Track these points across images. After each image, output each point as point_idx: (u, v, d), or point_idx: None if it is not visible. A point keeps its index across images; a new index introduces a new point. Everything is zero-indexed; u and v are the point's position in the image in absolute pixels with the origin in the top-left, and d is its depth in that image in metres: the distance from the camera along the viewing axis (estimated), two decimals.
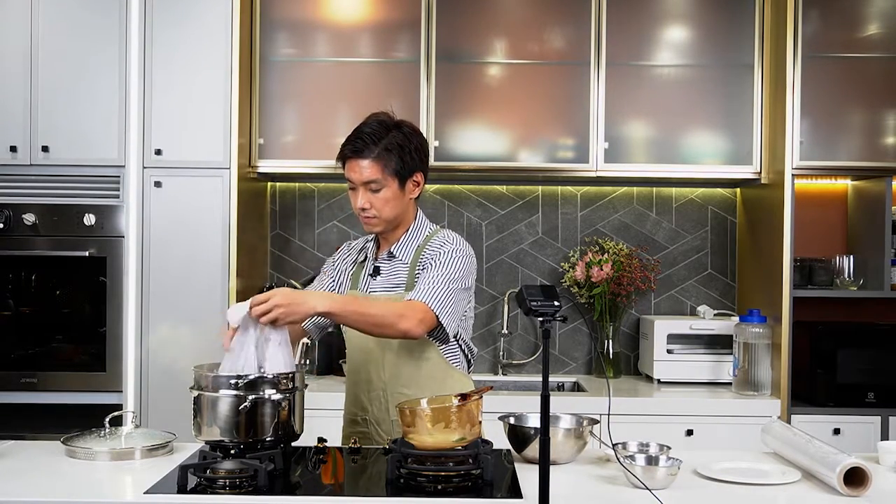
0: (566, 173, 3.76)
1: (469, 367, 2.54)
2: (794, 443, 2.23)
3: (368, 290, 2.47)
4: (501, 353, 4.01)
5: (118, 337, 3.46)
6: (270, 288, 3.86)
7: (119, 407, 3.38)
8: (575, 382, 3.91)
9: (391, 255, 2.47)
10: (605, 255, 3.87)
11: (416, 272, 2.41)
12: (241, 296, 3.50)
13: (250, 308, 2.11)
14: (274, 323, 2.11)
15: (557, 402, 2.58)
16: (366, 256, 2.53)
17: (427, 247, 2.44)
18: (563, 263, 4.00)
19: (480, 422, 2.08)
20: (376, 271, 2.48)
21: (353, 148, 2.36)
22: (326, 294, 2.40)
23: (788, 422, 3.41)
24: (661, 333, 3.71)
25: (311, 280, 3.98)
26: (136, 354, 3.44)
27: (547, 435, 1.77)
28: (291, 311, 2.12)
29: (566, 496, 1.95)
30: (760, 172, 3.70)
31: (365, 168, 2.35)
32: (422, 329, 2.26)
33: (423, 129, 3.64)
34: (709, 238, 4.07)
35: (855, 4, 3.59)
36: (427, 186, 4.05)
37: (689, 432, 3.42)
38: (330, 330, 2.66)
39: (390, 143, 2.35)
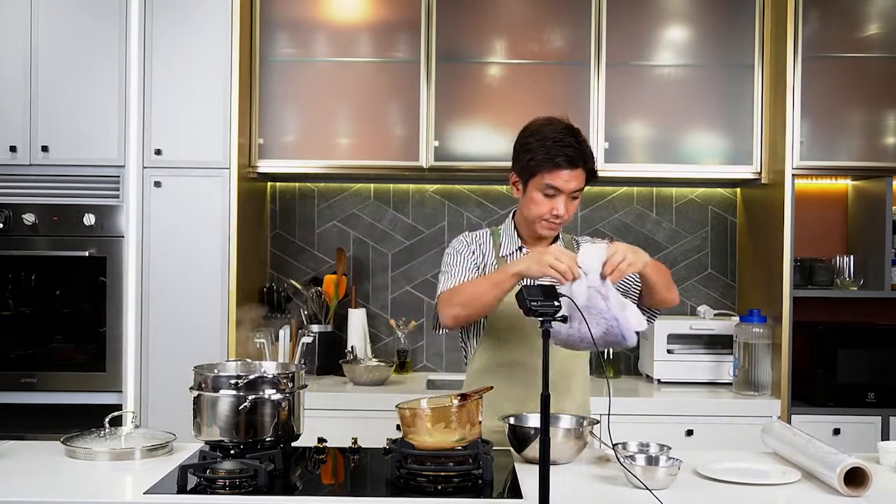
0: None
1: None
2: (794, 443, 2.23)
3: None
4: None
5: (118, 337, 3.45)
6: (270, 288, 3.89)
7: (119, 407, 3.38)
8: None
9: None
10: None
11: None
12: (242, 296, 3.50)
13: (607, 260, 2.12)
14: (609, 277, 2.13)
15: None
16: (503, 253, 2.52)
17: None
18: None
19: (480, 422, 2.08)
20: None
21: (568, 158, 2.36)
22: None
23: (788, 422, 3.41)
24: (661, 333, 3.71)
25: (313, 280, 4.02)
26: (135, 354, 3.44)
27: (547, 435, 1.77)
28: (633, 267, 2.18)
29: (566, 496, 1.95)
30: (760, 172, 3.70)
31: (577, 177, 2.38)
32: None
33: (422, 129, 3.68)
34: (709, 238, 4.07)
35: (855, 4, 3.59)
36: (427, 186, 4.09)
37: (689, 432, 3.42)
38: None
39: (589, 150, 2.42)
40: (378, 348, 4.03)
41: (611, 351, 3.89)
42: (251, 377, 2.08)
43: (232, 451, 2.08)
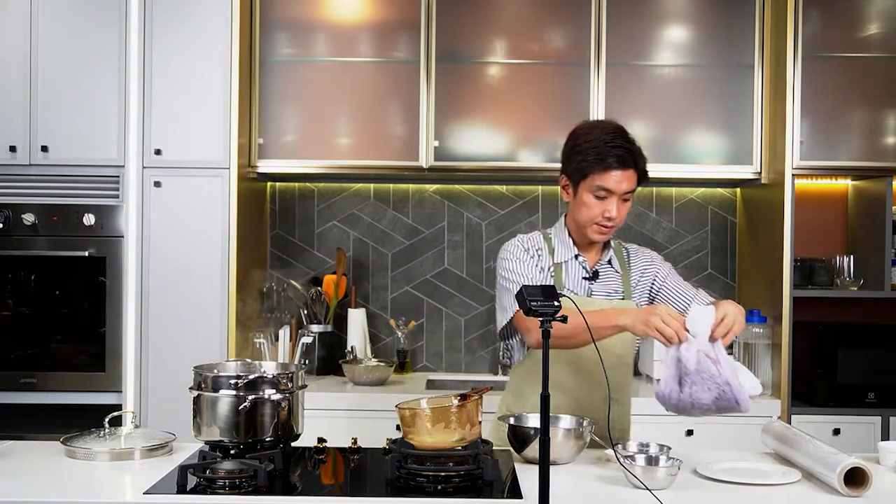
0: None
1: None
2: (794, 443, 2.23)
3: (589, 293, 2.46)
4: (501, 353, 4.01)
5: (118, 337, 3.45)
6: (270, 288, 3.89)
7: (118, 407, 3.38)
8: None
9: (608, 262, 2.50)
10: None
11: (637, 281, 2.50)
12: (241, 296, 3.50)
13: (718, 323, 2.10)
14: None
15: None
16: (559, 259, 2.48)
17: (636, 256, 2.55)
18: None
19: (480, 422, 2.08)
20: (595, 276, 2.48)
21: (619, 158, 2.34)
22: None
23: (788, 422, 3.41)
24: None
25: (313, 280, 4.02)
26: (135, 354, 3.44)
27: (547, 435, 1.77)
28: (741, 327, 2.15)
29: (566, 496, 1.95)
30: (760, 172, 3.70)
31: (628, 178, 2.36)
32: None
33: (422, 129, 3.68)
34: (709, 238, 4.07)
35: (855, 4, 3.59)
36: (427, 186, 4.09)
37: (689, 432, 3.42)
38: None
39: (639, 150, 2.40)
40: (378, 348, 4.03)
41: None
42: (251, 377, 2.08)
43: (232, 452, 2.08)
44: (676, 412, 2.14)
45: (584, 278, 2.48)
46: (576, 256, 2.49)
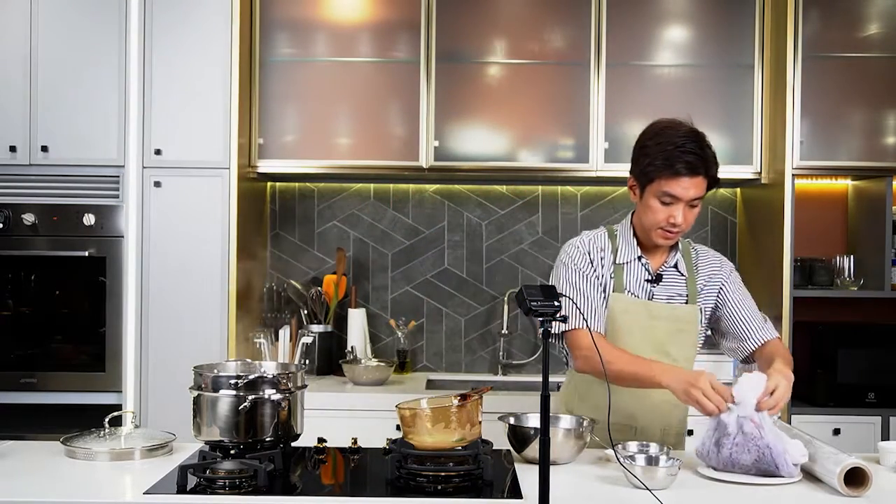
0: (566, 173, 3.76)
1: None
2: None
3: (650, 296, 2.42)
4: (501, 353, 4.01)
5: (118, 337, 3.45)
6: (270, 288, 3.89)
7: (119, 407, 3.38)
8: None
9: (674, 265, 2.44)
10: None
11: (703, 286, 2.44)
12: (241, 296, 3.50)
13: (766, 394, 2.09)
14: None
15: (557, 402, 2.58)
16: (621, 260, 2.43)
17: (704, 258, 2.48)
18: None
19: (480, 422, 2.08)
20: (658, 279, 2.43)
21: (689, 165, 2.26)
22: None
23: (788, 422, 3.41)
24: None
25: (313, 280, 4.02)
26: (135, 354, 3.44)
27: (547, 435, 1.77)
28: (787, 399, 2.14)
29: (566, 496, 1.95)
30: (761, 172, 3.70)
31: (697, 185, 2.28)
32: None
33: (422, 129, 3.68)
34: (709, 238, 4.07)
35: (855, 4, 3.59)
36: (427, 186, 4.09)
37: (690, 432, 3.40)
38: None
39: (712, 156, 2.30)
40: (378, 348, 4.03)
41: None
42: (251, 377, 2.08)
43: (232, 452, 2.08)
44: (715, 469, 2.12)
45: (647, 280, 2.42)
46: (639, 258, 2.42)
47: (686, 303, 2.43)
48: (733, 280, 2.48)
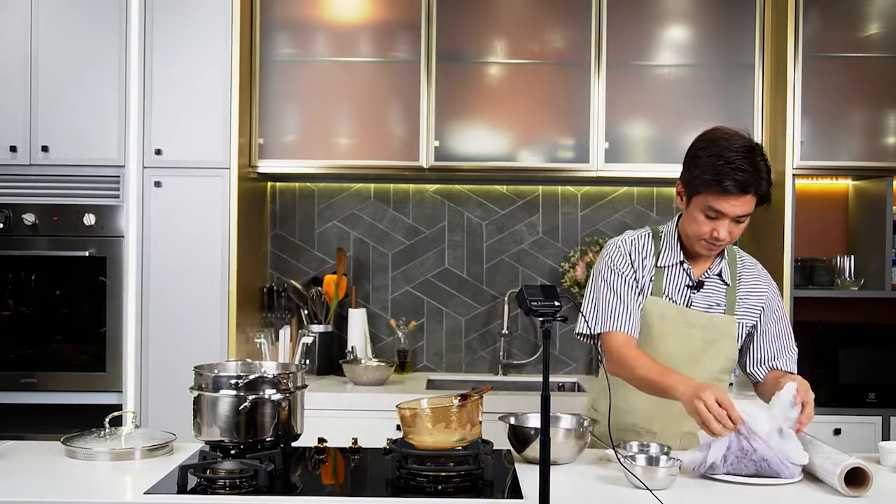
0: (566, 173, 3.76)
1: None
2: None
3: (689, 302, 2.38)
4: (501, 353, 4.01)
5: (118, 337, 3.45)
6: (270, 288, 3.89)
7: (119, 407, 3.38)
8: (575, 382, 3.91)
9: (718, 274, 2.39)
10: None
11: (744, 298, 2.40)
12: (241, 296, 3.50)
13: (802, 407, 2.10)
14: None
15: (558, 403, 2.57)
16: (663, 263, 2.39)
17: (749, 271, 2.44)
18: (563, 263, 4.00)
19: (480, 422, 2.08)
20: (699, 286, 2.38)
21: (738, 183, 2.17)
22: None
23: None
24: None
25: (313, 280, 4.01)
26: (135, 354, 3.44)
27: (547, 435, 1.77)
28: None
29: (566, 497, 1.95)
30: None
31: (745, 202, 2.21)
32: None
33: (422, 129, 3.68)
34: None
35: (855, 4, 3.60)
36: (427, 186, 4.09)
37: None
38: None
39: (766, 173, 2.21)
40: (378, 348, 4.03)
41: None
42: (251, 377, 2.08)
43: (232, 452, 2.08)
44: (724, 474, 2.09)
45: (687, 286, 2.38)
46: (681, 263, 2.38)
47: (724, 312, 2.38)
48: (773, 305, 2.43)
